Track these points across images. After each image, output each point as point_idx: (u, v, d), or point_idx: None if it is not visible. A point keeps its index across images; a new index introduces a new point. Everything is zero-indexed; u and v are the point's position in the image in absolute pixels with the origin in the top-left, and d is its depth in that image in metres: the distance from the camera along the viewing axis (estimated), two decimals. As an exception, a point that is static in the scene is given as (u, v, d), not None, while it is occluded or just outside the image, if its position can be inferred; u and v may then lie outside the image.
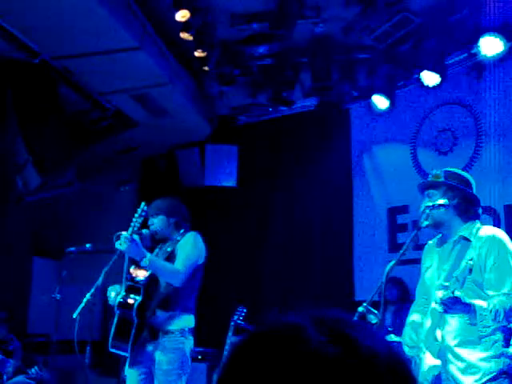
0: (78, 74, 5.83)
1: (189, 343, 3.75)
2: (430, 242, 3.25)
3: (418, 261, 4.99)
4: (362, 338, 0.69)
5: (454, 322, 2.91)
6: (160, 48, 5.77)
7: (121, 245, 3.50)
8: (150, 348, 3.71)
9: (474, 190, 3.13)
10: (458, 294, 2.74)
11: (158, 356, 3.68)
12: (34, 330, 7.21)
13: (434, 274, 3.08)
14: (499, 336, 2.82)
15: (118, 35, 5.07)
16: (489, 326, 2.74)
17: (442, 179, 3.08)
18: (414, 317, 3.22)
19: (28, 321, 7.18)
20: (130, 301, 3.72)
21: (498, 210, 5.56)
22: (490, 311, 2.71)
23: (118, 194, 8.56)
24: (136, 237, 3.57)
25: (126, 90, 6.21)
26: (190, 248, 3.81)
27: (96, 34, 5.03)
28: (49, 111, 5.95)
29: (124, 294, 3.75)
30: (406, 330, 3.21)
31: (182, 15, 5.17)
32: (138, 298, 3.71)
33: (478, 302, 2.77)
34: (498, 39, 5.23)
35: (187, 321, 3.78)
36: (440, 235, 3.15)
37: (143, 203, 3.74)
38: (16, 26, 4.93)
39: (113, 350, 3.72)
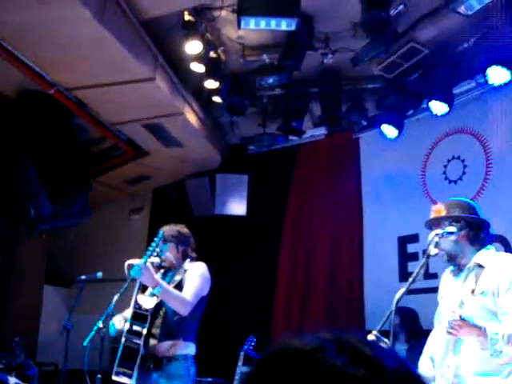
0: (91, 104, 5.93)
1: (192, 369, 3.78)
2: (447, 269, 3.23)
3: (428, 290, 4.99)
4: (383, 358, 0.69)
5: (469, 351, 2.86)
6: (172, 79, 5.87)
7: (136, 273, 3.53)
8: (154, 376, 3.72)
9: (480, 213, 3.12)
10: (464, 316, 2.71)
11: (163, 383, 3.68)
12: (44, 359, 7.19)
13: (448, 301, 3.06)
14: None
15: (130, 66, 5.18)
16: (501, 351, 2.69)
17: (443, 213, 3.06)
18: (430, 345, 3.19)
19: (37, 349, 7.16)
20: (137, 329, 3.74)
21: (509, 238, 5.53)
22: (503, 336, 2.67)
23: (129, 223, 8.61)
24: (150, 265, 3.60)
25: (138, 120, 6.31)
26: (198, 278, 3.85)
27: (109, 66, 5.14)
28: (62, 140, 6.05)
29: (130, 321, 3.76)
30: (423, 359, 3.17)
31: (193, 47, 5.29)
32: (146, 326, 3.72)
33: (489, 326, 2.75)
34: (504, 69, 5.29)
35: (189, 348, 3.81)
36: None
37: (162, 232, 3.77)
38: (31, 57, 5.06)
39: (116, 378, 3.70)
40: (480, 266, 2.96)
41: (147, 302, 3.82)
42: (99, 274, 4.69)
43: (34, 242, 6.98)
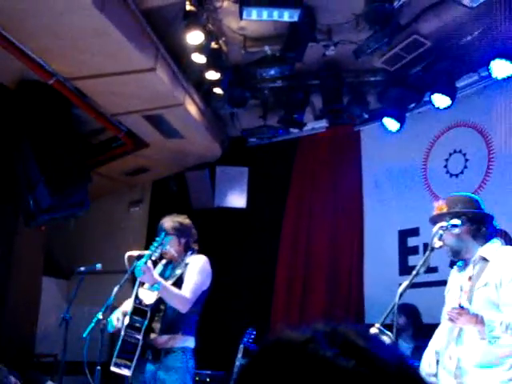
0: (91, 94, 5.89)
1: (190, 362, 3.79)
2: (456, 265, 3.24)
3: (427, 284, 4.98)
4: (375, 350, 0.69)
5: (471, 342, 2.87)
6: (173, 70, 5.83)
7: (137, 272, 3.53)
8: (152, 368, 3.73)
9: (483, 207, 3.12)
10: (464, 305, 2.74)
11: (161, 375, 3.70)
12: (42, 350, 7.18)
13: (454, 296, 3.07)
14: None
15: (131, 57, 5.13)
16: (498, 337, 2.71)
17: (445, 209, 3.08)
18: (436, 340, 3.19)
19: (36, 340, 7.15)
20: (137, 324, 3.75)
21: (510, 233, 5.50)
22: (501, 323, 2.69)
23: (128, 215, 8.58)
24: (151, 264, 3.59)
25: (138, 111, 6.27)
26: (198, 274, 3.84)
27: (110, 56, 5.10)
28: (62, 131, 6.02)
29: (131, 316, 3.75)
30: (427, 352, 3.17)
31: (194, 38, 5.24)
32: (146, 322, 3.72)
33: (486, 314, 2.76)
34: (508, 62, 5.25)
35: (188, 341, 3.82)
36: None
37: (163, 233, 3.76)
38: (31, 47, 5.01)
39: (114, 369, 3.70)
40: (484, 259, 2.97)
41: (148, 297, 3.81)
42: (98, 266, 4.68)
43: (32, 233, 6.95)
